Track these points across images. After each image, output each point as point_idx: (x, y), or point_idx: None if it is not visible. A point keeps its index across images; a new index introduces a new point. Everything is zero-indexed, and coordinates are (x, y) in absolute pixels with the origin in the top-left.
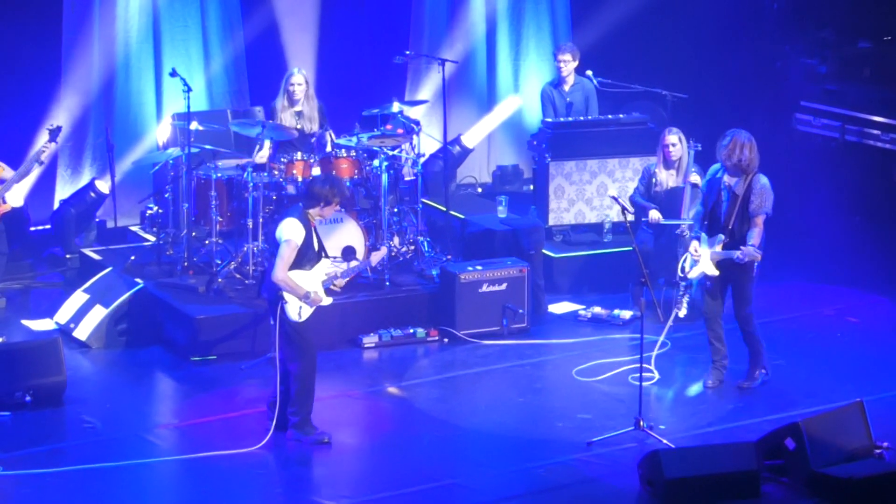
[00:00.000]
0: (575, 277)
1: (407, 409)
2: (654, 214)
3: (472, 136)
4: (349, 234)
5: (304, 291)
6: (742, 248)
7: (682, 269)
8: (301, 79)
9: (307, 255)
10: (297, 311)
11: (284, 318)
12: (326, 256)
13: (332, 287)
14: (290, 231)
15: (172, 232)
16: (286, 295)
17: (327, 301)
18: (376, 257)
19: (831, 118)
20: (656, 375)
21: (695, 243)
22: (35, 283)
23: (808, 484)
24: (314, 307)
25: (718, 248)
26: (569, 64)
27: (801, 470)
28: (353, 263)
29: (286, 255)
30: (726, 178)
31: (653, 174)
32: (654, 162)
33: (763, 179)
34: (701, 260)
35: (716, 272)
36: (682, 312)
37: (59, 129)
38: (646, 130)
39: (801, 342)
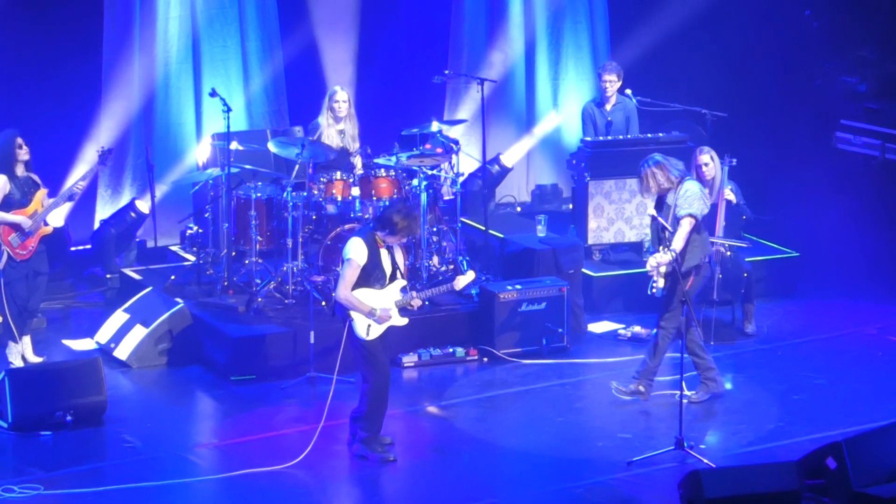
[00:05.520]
0: (614, 296)
1: (446, 429)
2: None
3: (512, 155)
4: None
5: (369, 309)
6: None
7: (650, 290)
8: (345, 96)
9: (374, 275)
10: (365, 329)
11: (353, 335)
12: (402, 277)
13: (408, 306)
14: (353, 251)
15: (212, 251)
16: (353, 313)
17: (401, 322)
18: (462, 282)
19: (872, 136)
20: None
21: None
22: (76, 303)
23: None
24: (383, 325)
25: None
26: (614, 84)
27: (842, 490)
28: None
29: (348, 274)
30: (669, 198)
31: None
32: None
33: (687, 185)
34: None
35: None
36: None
37: (110, 151)
38: (685, 149)
39: (843, 361)
